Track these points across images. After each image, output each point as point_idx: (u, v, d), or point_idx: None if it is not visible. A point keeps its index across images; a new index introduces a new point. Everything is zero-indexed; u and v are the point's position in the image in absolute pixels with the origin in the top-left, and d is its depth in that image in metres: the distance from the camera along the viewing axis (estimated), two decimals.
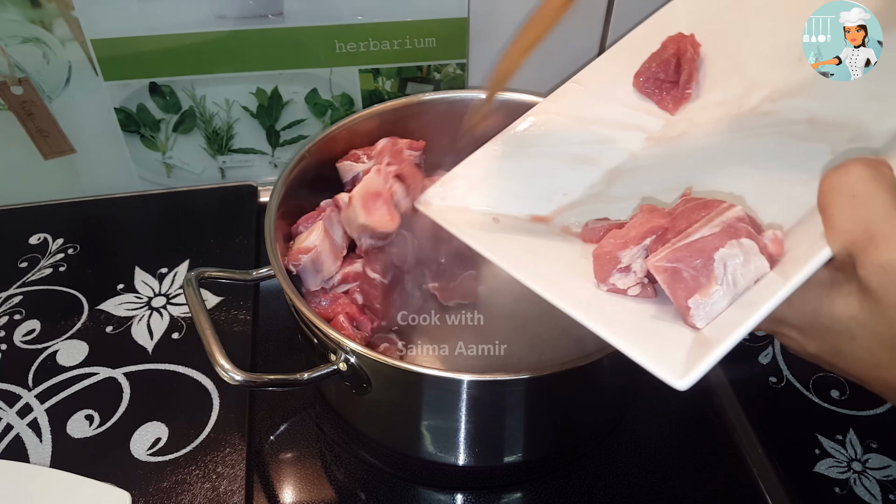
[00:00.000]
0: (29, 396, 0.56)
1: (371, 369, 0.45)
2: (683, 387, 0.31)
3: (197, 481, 0.51)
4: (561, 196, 0.48)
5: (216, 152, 0.76)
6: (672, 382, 0.31)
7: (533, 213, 0.47)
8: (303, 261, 0.54)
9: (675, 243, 0.35)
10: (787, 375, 0.58)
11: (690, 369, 0.31)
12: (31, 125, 0.69)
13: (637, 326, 0.36)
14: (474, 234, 0.44)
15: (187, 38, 0.67)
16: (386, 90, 0.73)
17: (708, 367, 0.31)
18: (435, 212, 0.48)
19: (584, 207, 0.47)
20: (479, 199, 0.48)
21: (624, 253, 0.37)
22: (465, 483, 0.54)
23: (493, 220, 0.47)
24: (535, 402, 0.48)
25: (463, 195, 0.49)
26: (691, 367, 0.31)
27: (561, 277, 0.40)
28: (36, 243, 0.70)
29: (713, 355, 0.31)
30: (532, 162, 0.50)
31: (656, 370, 0.31)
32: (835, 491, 0.51)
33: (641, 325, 0.36)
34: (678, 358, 0.32)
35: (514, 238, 0.45)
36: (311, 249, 0.54)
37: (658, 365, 0.31)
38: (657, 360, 0.32)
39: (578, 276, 0.39)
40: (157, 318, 0.63)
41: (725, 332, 0.32)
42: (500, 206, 0.48)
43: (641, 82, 0.50)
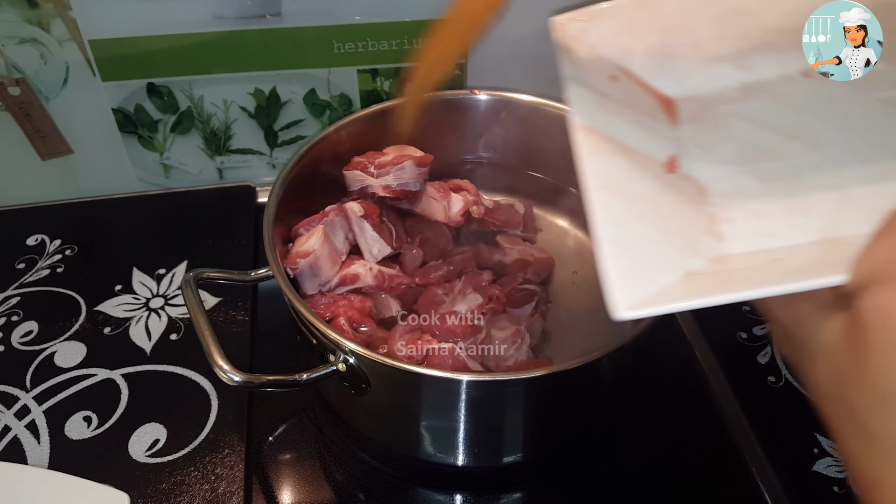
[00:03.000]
0: (27, 398, 0.56)
1: (370, 370, 0.45)
2: (617, 318, 0.29)
3: (195, 482, 0.51)
4: (692, 83, 0.41)
5: (214, 153, 0.76)
6: (612, 311, 0.29)
7: (659, 91, 0.40)
8: (301, 265, 0.54)
9: None
10: (785, 375, 0.58)
11: (637, 308, 0.29)
12: (29, 126, 0.69)
13: (635, 244, 0.32)
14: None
15: (185, 38, 0.66)
16: (384, 90, 0.73)
17: (653, 314, 0.30)
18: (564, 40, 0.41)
19: (708, 114, 0.40)
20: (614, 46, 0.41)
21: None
22: (464, 483, 0.54)
23: (611, 78, 0.40)
24: (534, 402, 0.48)
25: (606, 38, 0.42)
26: (639, 307, 0.29)
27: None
28: (33, 244, 0.70)
29: (667, 307, 0.30)
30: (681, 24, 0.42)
31: (610, 288, 0.30)
32: (833, 490, 0.51)
33: (640, 245, 0.33)
34: (639, 291, 0.30)
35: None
36: (309, 254, 0.54)
37: (616, 286, 0.30)
38: (619, 281, 0.30)
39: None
40: (155, 320, 0.63)
41: (696, 292, 0.30)
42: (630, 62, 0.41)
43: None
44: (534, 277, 0.59)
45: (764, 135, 0.39)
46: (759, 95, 0.40)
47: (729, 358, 0.60)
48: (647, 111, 0.39)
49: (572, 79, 0.38)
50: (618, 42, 0.41)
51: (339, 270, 0.56)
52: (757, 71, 0.40)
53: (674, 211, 0.35)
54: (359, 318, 0.54)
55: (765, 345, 0.61)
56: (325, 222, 0.57)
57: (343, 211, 0.58)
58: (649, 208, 0.34)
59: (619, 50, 0.41)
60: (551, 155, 0.65)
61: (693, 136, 0.38)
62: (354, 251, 0.59)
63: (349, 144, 0.62)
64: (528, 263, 0.60)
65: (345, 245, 0.58)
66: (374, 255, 0.58)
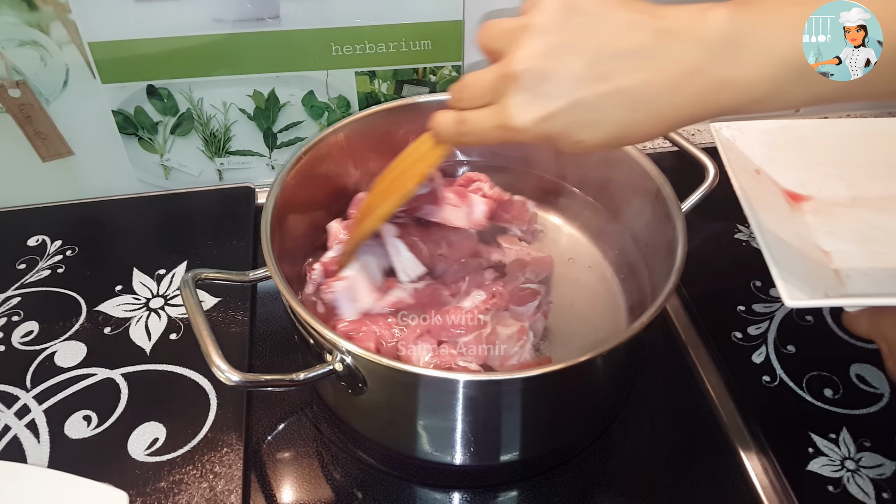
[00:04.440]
0: (27, 397, 0.57)
1: (366, 369, 0.46)
2: (790, 305, 0.42)
3: (194, 481, 0.51)
4: (817, 189, 0.58)
5: (214, 154, 0.76)
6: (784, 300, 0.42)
7: (789, 189, 0.57)
8: (338, 289, 0.53)
9: None
10: (780, 374, 0.58)
11: (804, 299, 0.42)
12: (29, 128, 0.70)
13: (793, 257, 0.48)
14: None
15: (184, 41, 0.67)
16: (382, 92, 0.74)
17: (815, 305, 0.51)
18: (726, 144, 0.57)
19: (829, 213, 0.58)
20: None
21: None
22: (461, 482, 0.54)
23: (755, 172, 0.56)
24: (531, 401, 0.48)
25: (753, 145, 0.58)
26: (806, 298, 0.42)
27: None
28: (34, 245, 0.71)
29: (826, 302, 0.46)
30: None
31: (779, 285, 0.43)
32: (828, 489, 0.51)
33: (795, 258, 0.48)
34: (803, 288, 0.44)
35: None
36: (344, 279, 0.54)
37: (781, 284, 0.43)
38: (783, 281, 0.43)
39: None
40: (154, 320, 0.63)
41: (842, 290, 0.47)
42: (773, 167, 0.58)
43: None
44: (533, 277, 0.60)
45: (870, 230, 0.55)
46: (864, 205, 0.57)
47: (724, 358, 0.60)
48: (778, 199, 0.56)
49: (732, 161, 0.53)
50: (762, 151, 0.58)
51: (380, 297, 0.55)
52: (863, 189, 0.58)
53: (810, 256, 0.51)
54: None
55: (760, 344, 0.61)
56: (358, 254, 0.55)
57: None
58: (793, 243, 0.50)
59: (762, 156, 0.57)
60: (546, 153, 0.66)
61: (817, 223, 0.55)
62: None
63: (348, 146, 0.62)
64: (526, 263, 0.60)
65: (378, 271, 0.57)
66: (409, 276, 0.56)
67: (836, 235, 0.57)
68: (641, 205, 0.58)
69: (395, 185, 0.49)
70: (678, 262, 0.49)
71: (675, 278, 0.48)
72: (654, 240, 0.56)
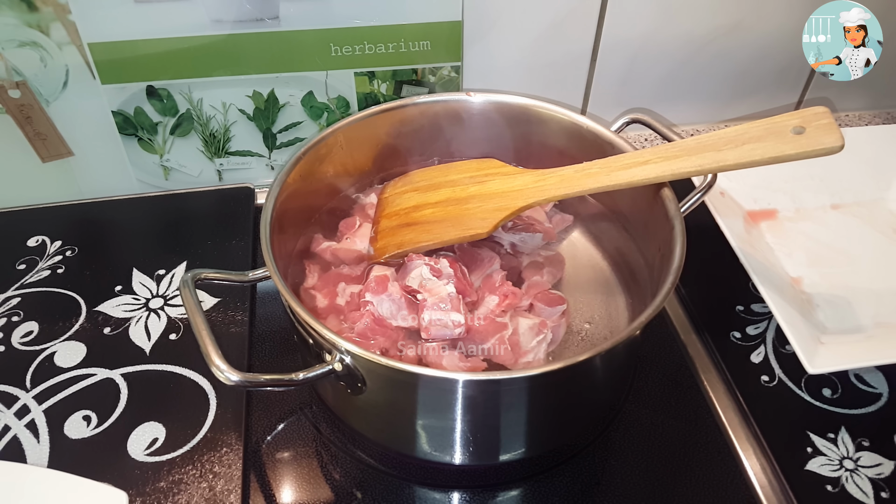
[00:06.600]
0: (27, 397, 0.57)
1: (365, 369, 0.46)
2: (812, 371, 0.52)
3: (194, 481, 0.52)
4: (767, 203, 0.70)
5: (213, 155, 0.76)
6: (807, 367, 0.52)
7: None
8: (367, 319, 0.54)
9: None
10: (779, 374, 0.59)
11: (822, 366, 0.52)
12: (29, 128, 0.70)
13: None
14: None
15: (184, 41, 0.67)
16: (381, 93, 0.74)
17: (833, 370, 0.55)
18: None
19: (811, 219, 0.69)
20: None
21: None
22: (461, 482, 0.54)
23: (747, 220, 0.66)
24: (530, 400, 0.49)
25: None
26: (823, 365, 0.52)
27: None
28: (34, 245, 0.71)
29: (839, 366, 0.55)
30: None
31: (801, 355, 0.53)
32: (827, 489, 0.51)
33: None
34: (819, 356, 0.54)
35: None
36: (367, 304, 0.54)
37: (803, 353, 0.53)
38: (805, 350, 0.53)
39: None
40: (154, 320, 0.63)
41: (848, 360, 0.55)
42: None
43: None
44: (550, 278, 0.59)
45: (816, 247, 0.64)
46: (806, 218, 0.69)
47: (723, 357, 0.60)
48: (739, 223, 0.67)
49: (722, 215, 0.64)
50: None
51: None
52: (803, 201, 0.69)
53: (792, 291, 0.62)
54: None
55: (758, 344, 0.61)
56: (367, 310, 0.54)
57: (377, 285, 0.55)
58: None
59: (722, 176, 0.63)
60: (544, 152, 0.66)
61: (777, 243, 0.66)
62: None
63: (347, 146, 0.63)
64: (541, 265, 0.60)
65: (399, 302, 0.55)
66: (452, 331, 0.53)
67: (794, 257, 0.66)
68: (641, 205, 0.58)
69: (472, 213, 0.54)
70: (677, 262, 0.49)
71: (674, 278, 0.48)
72: (654, 240, 0.56)
